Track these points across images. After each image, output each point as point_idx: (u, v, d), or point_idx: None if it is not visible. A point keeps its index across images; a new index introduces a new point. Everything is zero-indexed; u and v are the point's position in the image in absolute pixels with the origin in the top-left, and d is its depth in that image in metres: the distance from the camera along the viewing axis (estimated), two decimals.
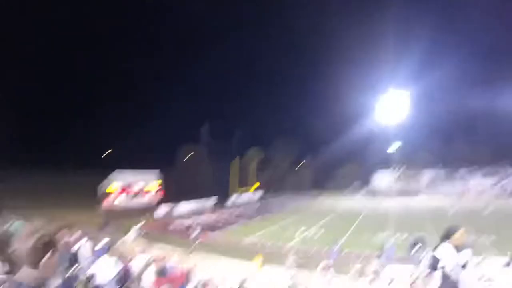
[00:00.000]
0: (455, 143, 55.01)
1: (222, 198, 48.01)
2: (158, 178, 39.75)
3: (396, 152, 53.53)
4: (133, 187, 35.01)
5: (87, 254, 7.94)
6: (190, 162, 59.34)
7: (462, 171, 51.91)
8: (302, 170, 65.74)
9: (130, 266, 7.60)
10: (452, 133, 55.29)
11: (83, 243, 8.17)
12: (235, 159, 59.17)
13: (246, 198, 52.98)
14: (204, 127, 64.24)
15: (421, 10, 62.92)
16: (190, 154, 60.04)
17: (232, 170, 58.29)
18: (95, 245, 8.84)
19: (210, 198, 45.85)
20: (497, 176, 49.51)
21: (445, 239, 4.34)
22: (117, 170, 34.85)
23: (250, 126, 63.72)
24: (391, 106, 48.92)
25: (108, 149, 53.47)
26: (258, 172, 62.28)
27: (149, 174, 38.83)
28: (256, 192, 58.07)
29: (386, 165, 55.34)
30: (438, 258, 4.20)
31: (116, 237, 16.67)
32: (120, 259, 6.74)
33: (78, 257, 7.54)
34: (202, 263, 14.99)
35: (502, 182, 48.26)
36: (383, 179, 55.63)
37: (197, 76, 79.73)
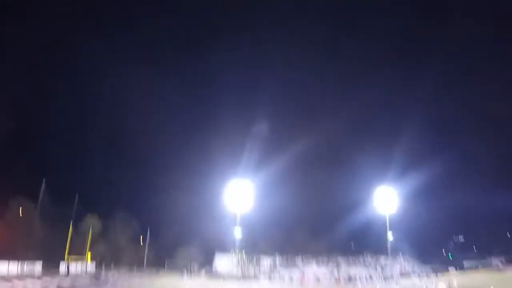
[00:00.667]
0: (293, 233, 63.86)
1: (49, 264, 42.77)
2: None
3: (237, 237, 58.39)
4: None
5: None
6: (19, 218, 51.81)
7: (299, 260, 59.56)
8: (141, 246, 63.63)
9: None
10: (290, 224, 63.46)
11: None
12: (69, 224, 54.46)
13: (78, 268, 48.01)
14: (41, 184, 58.43)
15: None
16: (20, 208, 52.82)
17: (64, 235, 52.99)
18: None
19: (35, 262, 40.65)
20: (329, 265, 58.49)
21: None
22: None
23: (90, 192, 60.23)
24: (236, 194, 55.63)
25: None
26: (92, 242, 57.78)
27: None
28: (89, 263, 52.84)
29: (226, 249, 59.08)
30: None
31: None
32: None
33: None
34: None
35: (334, 270, 56.21)
36: (224, 262, 58.31)
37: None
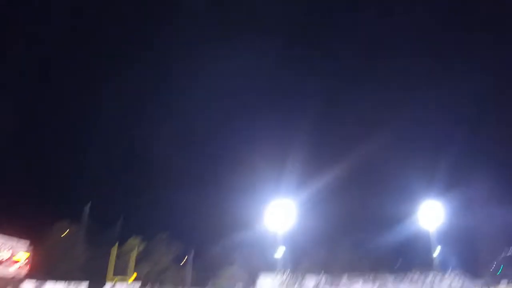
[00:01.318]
0: (338, 251, 62.64)
1: (95, 285, 43.50)
2: (26, 250, 35.16)
3: (280, 256, 57.81)
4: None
5: None
6: (64, 240, 53.27)
7: (344, 278, 58.13)
8: (184, 266, 63.88)
9: None
10: (334, 241, 62.41)
11: None
12: (114, 246, 55.57)
13: None
14: (86, 207, 60.17)
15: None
16: (66, 231, 54.22)
17: (110, 256, 54.08)
18: None
19: (82, 283, 41.44)
20: (376, 282, 56.87)
21: None
22: None
23: (134, 214, 61.45)
24: (278, 213, 55.26)
25: None
26: (136, 262, 58.55)
27: (17, 242, 34.28)
28: (133, 284, 53.36)
29: (270, 268, 58.45)
30: None
31: None
32: None
33: None
34: None
35: None
36: (268, 282, 57.65)
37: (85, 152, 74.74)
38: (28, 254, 34.84)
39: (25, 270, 33.24)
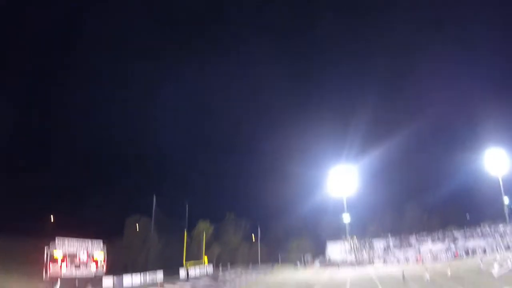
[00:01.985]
0: (404, 212, 59.55)
1: (169, 272, 44.72)
2: (101, 249, 36.49)
3: (347, 223, 55.78)
4: (78, 256, 31.53)
5: None
6: (136, 233, 55.63)
7: (413, 239, 55.01)
8: (253, 244, 64.54)
9: None
10: (400, 203, 59.84)
11: None
12: (183, 232, 56.71)
13: (197, 272, 49.68)
14: (151, 198, 61.84)
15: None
16: (136, 225, 56.55)
17: (180, 243, 55.41)
18: None
19: (157, 272, 42.64)
20: (445, 240, 53.20)
21: None
22: (58, 237, 31.51)
23: (200, 199, 62.47)
24: (340, 180, 52.43)
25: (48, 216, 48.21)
26: (207, 245, 59.86)
27: (92, 243, 35.56)
28: (206, 266, 54.79)
29: (338, 236, 56.84)
30: None
31: None
32: None
33: None
34: None
35: (450, 245, 51.73)
36: (337, 250, 56.36)
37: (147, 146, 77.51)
38: (103, 253, 36.15)
39: (103, 269, 34.45)
